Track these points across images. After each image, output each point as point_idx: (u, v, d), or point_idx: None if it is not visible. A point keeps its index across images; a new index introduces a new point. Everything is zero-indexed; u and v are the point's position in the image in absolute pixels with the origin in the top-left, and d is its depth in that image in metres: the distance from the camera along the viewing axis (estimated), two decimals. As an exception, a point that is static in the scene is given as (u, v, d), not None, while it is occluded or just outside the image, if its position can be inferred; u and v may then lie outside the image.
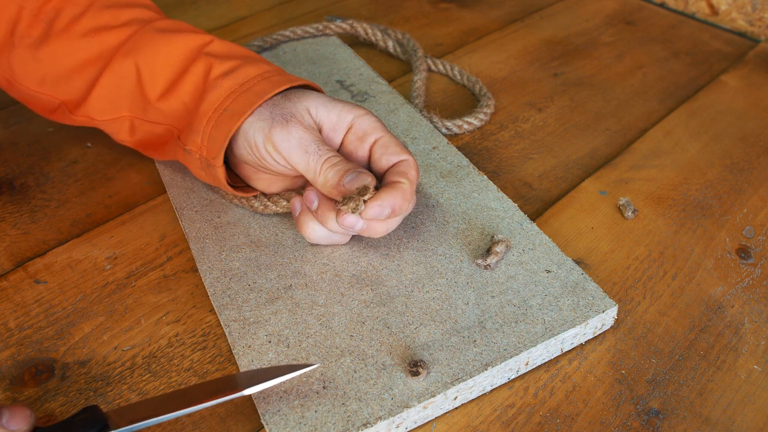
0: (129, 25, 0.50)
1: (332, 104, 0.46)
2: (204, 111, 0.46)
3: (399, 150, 0.46)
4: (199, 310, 0.45)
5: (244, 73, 0.47)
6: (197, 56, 0.48)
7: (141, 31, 0.50)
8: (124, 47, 0.49)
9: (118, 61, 0.49)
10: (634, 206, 0.53)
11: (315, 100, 0.46)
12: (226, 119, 0.45)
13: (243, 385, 0.36)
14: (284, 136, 0.44)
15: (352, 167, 0.43)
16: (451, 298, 0.43)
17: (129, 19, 0.51)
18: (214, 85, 0.47)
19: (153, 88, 0.49)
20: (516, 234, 0.48)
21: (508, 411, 0.40)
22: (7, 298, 0.46)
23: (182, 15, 0.84)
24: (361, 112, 0.47)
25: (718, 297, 0.47)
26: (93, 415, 0.35)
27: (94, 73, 0.50)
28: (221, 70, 0.47)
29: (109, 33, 0.50)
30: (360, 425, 0.36)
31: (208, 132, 0.46)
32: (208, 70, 0.48)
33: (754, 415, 0.40)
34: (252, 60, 0.49)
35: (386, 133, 0.47)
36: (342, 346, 0.41)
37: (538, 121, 0.64)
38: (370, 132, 0.46)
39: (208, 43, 0.50)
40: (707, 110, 0.66)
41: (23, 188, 0.56)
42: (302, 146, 0.44)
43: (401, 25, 0.82)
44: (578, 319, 0.42)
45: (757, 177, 0.57)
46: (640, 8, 0.86)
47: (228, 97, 0.46)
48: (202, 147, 0.46)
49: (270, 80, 0.47)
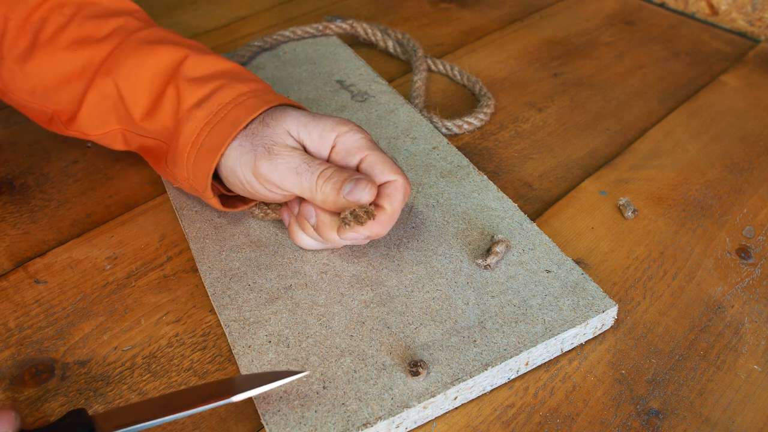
0: (111, 39, 0.49)
1: (313, 123, 0.44)
2: (183, 145, 0.45)
3: (386, 170, 0.43)
4: (199, 310, 0.45)
5: (217, 101, 0.45)
6: (171, 79, 0.47)
7: (121, 46, 0.49)
8: (105, 65, 0.48)
9: (99, 80, 0.48)
10: (634, 206, 0.53)
11: (295, 120, 0.44)
12: (204, 155, 0.44)
13: (234, 391, 0.36)
14: (271, 167, 0.42)
15: (348, 176, 0.42)
16: (451, 298, 0.43)
17: (112, 30, 0.50)
18: (188, 117, 0.45)
19: (135, 109, 0.48)
20: (516, 234, 0.48)
21: (508, 411, 0.40)
22: (7, 298, 0.46)
23: (182, 15, 0.84)
24: (345, 129, 0.44)
25: (718, 297, 0.47)
26: (79, 419, 0.35)
27: (80, 88, 0.49)
28: (193, 99, 0.46)
29: (92, 47, 0.49)
30: (360, 425, 0.36)
31: (191, 168, 0.45)
32: (180, 101, 0.46)
33: (754, 415, 0.40)
34: (227, 79, 0.47)
35: (372, 150, 0.44)
36: (342, 346, 0.41)
37: (538, 121, 0.64)
38: (354, 151, 0.44)
39: (183, 60, 0.48)
40: (707, 110, 0.66)
41: (23, 188, 0.56)
42: (292, 170, 0.42)
43: (401, 25, 0.82)
44: (578, 319, 0.42)
45: (757, 177, 0.57)
46: (640, 8, 0.86)
47: (203, 130, 0.44)
48: (189, 179, 0.46)
49: (244, 105, 0.45)
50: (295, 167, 0.42)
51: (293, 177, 0.42)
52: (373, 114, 0.61)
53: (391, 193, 0.43)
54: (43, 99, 0.51)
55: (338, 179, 0.42)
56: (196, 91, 0.46)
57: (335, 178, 0.42)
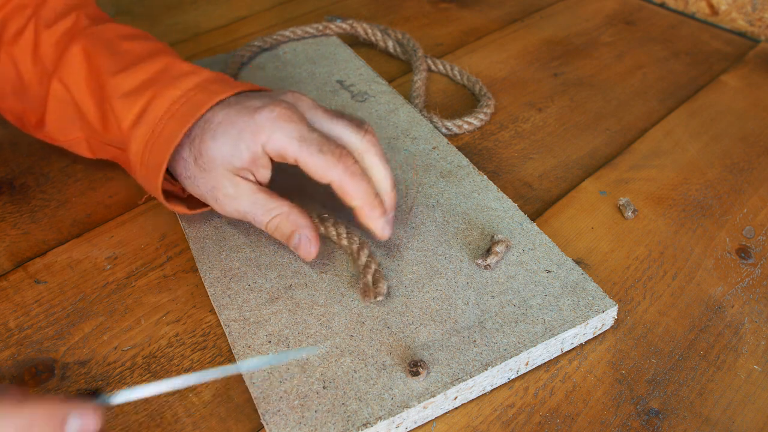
0: (60, 42, 0.48)
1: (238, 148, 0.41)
2: (134, 164, 0.45)
3: (319, 174, 0.41)
4: (199, 310, 0.45)
5: (152, 116, 0.43)
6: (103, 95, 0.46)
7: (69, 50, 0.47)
8: (57, 70, 0.47)
9: (54, 87, 0.48)
10: (634, 206, 0.53)
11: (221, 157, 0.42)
12: (152, 174, 0.44)
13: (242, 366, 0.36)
14: (222, 210, 0.44)
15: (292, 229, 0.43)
16: (451, 298, 0.43)
17: (62, 33, 0.48)
18: (131, 137, 0.44)
19: (92, 119, 0.47)
20: (516, 234, 0.48)
21: (508, 411, 0.40)
22: (7, 298, 0.46)
23: (182, 15, 0.85)
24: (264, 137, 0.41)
25: (718, 297, 0.47)
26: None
27: (41, 92, 0.49)
28: (131, 117, 0.44)
29: (46, 50, 0.48)
30: (360, 425, 0.36)
31: (146, 186, 0.45)
32: (119, 121, 0.45)
33: (754, 415, 0.40)
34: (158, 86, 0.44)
35: (300, 152, 0.41)
36: (342, 346, 0.41)
37: (538, 121, 0.64)
38: (286, 157, 0.42)
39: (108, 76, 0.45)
40: (707, 110, 0.66)
41: (23, 188, 0.56)
42: (240, 214, 0.44)
43: (401, 25, 0.82)
44: (578, 319, 0.42)
45: (757, 177, 0.57)
46: (640, 8, 0.86)
47: (145, 149, 0.43)
48: (153, 195, 0.46)
49: (176, 116, 0.43)
50: (243, 214, 0.44)
51: (244, 218, 0.44)
52: (373, 114, 0.61)
53: (341, 194, 0.42)
54: (12, 99, 0.51)
55: (285, 232, 0.43)
56: (131, 107, 0.44)
57: (281, 230, 0.43)
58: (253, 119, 0.41)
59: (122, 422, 0.39)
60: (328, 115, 0.43)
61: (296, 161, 0.41)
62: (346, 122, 0.43)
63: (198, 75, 0.45)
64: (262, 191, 0.43)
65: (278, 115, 0.41)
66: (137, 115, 0.44)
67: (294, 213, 0.43)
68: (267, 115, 0.41)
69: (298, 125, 0.41)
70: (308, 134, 0.41)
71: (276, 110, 0.41)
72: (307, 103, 0.44)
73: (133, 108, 0.44)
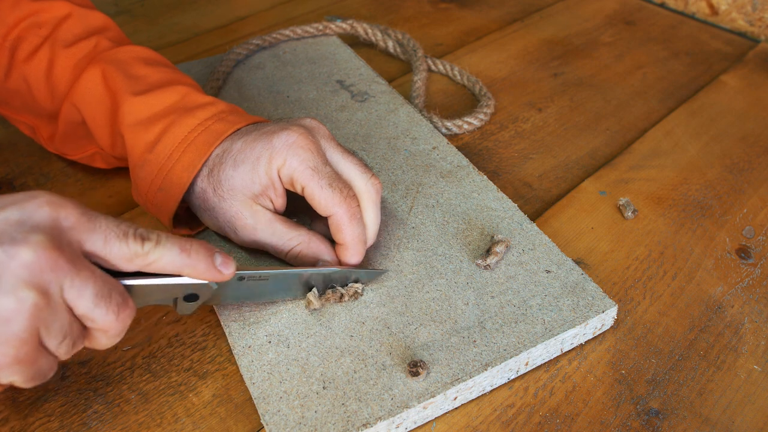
0: (78, 65, 0.48)
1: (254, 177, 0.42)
2: (142, 188, 0.45)
3: (322, 205, 0.42)
4: (199, 310, 0.45)
5: (170, 142, 0.44)
6: (114, 123, 0.46)
7: (87, 70, 0.48)
8: (71, 93, 0.48)
9: (66, 108, 0.48)
10: (634, 206, 0.53)
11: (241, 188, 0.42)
12: (163, 200, 0.44)
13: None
14: (242, 240, 0.44)
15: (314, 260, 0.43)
16: (451, 299, 0.43)
17: (82, 56, 0.49)
18: (143, 161, 0.44)
19: (101, 141, 0.48)
20: (516, 234, 0.48)
21: (508, 411, 0.40)
22: (7, 298, 0.46)
23: (182, 15, 0.85)
24: (279, 162, 0.41)
25: (718, 297, 0.47)
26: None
27: (52, 111, 0.50)
28: (142, 144, 0.44)
29: (63, 73, 0.48)
30: (360, 425, 0.36)
31: (154, 208, 0.46)
32: (128, 148, 0.45)
33: (754, 415, 0.40)
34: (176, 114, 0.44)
35: (312, 180, 0.41)
36: (342, 346, 0.41)
37: (538, 121, 0.64)
38: (294, 183, 0.42)
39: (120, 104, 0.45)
40: (707, 110, 0.66)
41: (23, 188, 0.56)
42: (260, 244, 0.44)
43: (401, 25, 0.82)
44: (578, 320, 0.42)
45: (757, 177, 0.57)
46: (640, 8, 0.86)
47: (158, 176, 0.44)
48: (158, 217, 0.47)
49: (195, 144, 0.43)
50: (262, 245, 0.44)
51: (263, 248, 0.45)
52: (373, 114, 0.61)
53: (335, 229, 0.43)
54: (25, 114, 0.52)
55: (306, 262, 0.44)
56: (145, 134, 0.44)
57: (302, 260, 0.44)
58: (271, 143, 0.42)
59: (122, 422, 0.39)
60: (340, 150, 0.44)
61: (303, 189, 0.42)
62: (356, 161, 0.44)
63: (215, 106, 0.46)
64: (279, 220, 0.44)
65: (296, 141, 0.42)
66: (150, 143, 0.44)
67: (314, 241, 0.44)
68: (285, 139, 0.42)
69: (314, 155, 0.42)
70: (322, 167, 0.42)
71: (294, 136, 0.42)
72: (323, 133, 0.44)
73: (146, 136, 0.44)
